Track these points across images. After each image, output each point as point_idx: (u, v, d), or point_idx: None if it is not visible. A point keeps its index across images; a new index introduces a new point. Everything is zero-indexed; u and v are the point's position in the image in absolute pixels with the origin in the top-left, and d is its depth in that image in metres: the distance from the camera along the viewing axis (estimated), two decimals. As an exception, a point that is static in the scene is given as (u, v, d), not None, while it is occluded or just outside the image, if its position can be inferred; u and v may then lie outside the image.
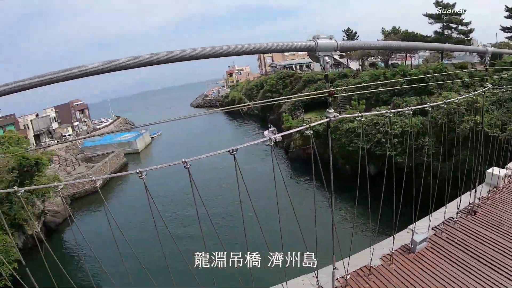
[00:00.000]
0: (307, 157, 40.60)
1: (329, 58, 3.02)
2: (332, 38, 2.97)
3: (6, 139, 37.48)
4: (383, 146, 29.18)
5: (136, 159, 68.09)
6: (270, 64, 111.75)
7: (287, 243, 17.34)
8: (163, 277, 5.48)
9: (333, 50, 2.99)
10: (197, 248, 18.76)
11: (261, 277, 19.27)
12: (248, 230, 4.61)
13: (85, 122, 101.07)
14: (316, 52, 2.98)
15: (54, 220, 40.04)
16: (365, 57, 59.41)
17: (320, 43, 2.93)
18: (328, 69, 3.09)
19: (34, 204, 36.83)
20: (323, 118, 4.04)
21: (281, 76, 75.45)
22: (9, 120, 72.54)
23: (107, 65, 2.58)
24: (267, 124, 65.67)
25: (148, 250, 25.68)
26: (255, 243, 21.06)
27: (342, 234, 17.15)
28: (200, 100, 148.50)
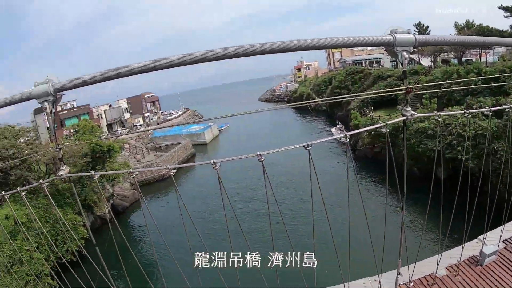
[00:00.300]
0: (374, 156, 39.55)
1: (407, 54, 2.85)
2: (410, 32, 2.79)
3: (81, 127, 39.79)
4: (454, 149, 27.48)
5: (204, 150, 69.54)
6: (339, 60, 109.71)
7: (352, 243, 16.90)
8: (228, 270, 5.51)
9: (411, 45, 2.80)
10: (264, 245, 18.91)
11: (324, 276, 19.07)
12: (316, 228, 4.51)
13: (156, 113, 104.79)
14: (394, 47, 2.81)
15: (122, 203, 42.31)
16: (437, 53, 56.29)
17: (398, 37, 2.76)
18: (405, 65, 2.91)
19: (105, 188, 38.84)
20: (394, 116, 3.83)
21: (350, 72, 73.54)
22: (83, 110, 77.13)
23: (170, 61, 2.66)
24: (335, 120, 64.50)
25: (215, 240, 26.23)
26: (322, 239, 20.84)
27: (409, 239, 16.65)
28: (268, 94, 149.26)
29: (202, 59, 2.63)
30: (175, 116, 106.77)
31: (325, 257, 19.22)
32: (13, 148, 29.53)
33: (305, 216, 28.94)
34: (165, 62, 2.66)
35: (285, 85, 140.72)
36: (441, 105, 35.36)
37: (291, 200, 33.55)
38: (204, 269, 6.11)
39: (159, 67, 2.68)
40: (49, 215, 26.70)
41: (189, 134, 73.56)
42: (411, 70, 53.99)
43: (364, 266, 13.39)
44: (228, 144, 71.93)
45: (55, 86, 2.80)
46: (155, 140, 73.81)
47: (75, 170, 32.01)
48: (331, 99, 5.71)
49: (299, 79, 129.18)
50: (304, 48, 2.69)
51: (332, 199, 27.42)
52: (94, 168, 35.10)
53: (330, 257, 5.82)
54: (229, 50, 2.61)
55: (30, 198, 27.46)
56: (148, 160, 57.59)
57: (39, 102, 2.87)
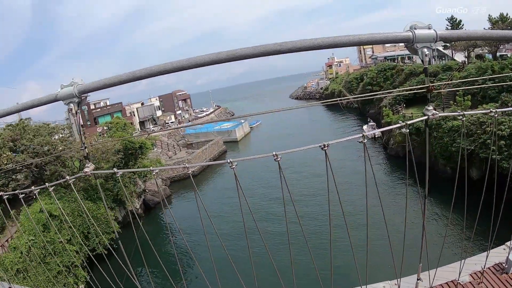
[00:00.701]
0: (405, 155, 38.69)
1: (428, 50, 2.74)
2: (431, 28, 2.68)
3: (114, 125, 40.69)
4: (488, 149, 26.30)
5: (235, 147, 70.00)
6: (370, 56, 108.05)
7: (372, 245, 16.57)
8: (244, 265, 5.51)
9: (432, 41, 2.69)
10: (279, 244, 18.82)
11: (343, 276, 18.79)
12: (333, 229, 4.42)
13: (187, 111, 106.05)
14: (414, 44, 2.71)
15: (153, 199, 42.89)
16: (471, 48, 54.42)
17: (418, 33, 2.66)
18: (426, 62, 2.80)
19: (136, 183, 39.62)
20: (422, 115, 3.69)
21: (382, 68, 71.78)
22: (116, 107, 79.18)
23: (203, 60, 2.68)
24: (367, 118, 63.61)
25: (234, 239, 26.36)
26: (339, 239, 20.51)
27: (431, 242, 16.22)
28: (299, 92, 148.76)
29: (218, 60, 2.65)
30: (207, 113, 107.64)
31: (343, 260, 18.91)
32: (47, 144, 30.43)
33: (325, 216, 28.84)
34: (185, 63, 2.71)
35: (316, 82, 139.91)
36: (475, 102, 34.33)
37: (314, 199, 33.41)
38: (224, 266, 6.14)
39: (175, 69, 2.74)
40: (82, 209, 27.42)
41: (220, 131, 74.18)
42: (444, 66, 52.60)
43: (383, 270, 13.17)
44: (258, 142, 72.19)
45: (79, 89, 2.95)
46: (187, 137, 74.78)
47: (108, 166, 32.83)
48: (358, 97, 5.57)
49: (330, 76, 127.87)
50: (325, 47, 2.63)
51: (356, 200, 27.14)
52: (126, 164, 35.93)
53: (348, 259, 5.72)
54: (245, 51, 2.61)
55: (64, 192, 28.34)
56: (180, 157, 58.37)
57: (65, 103, 3.01)
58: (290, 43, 2.57)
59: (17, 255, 21.49)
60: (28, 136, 29.81)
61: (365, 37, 2.65)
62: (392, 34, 2.69)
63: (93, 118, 72.90)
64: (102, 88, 2.98)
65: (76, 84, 2.96)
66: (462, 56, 58.14)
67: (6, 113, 3.65)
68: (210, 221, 4.59)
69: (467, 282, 4.92)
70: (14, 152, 30.26)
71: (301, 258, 19.18)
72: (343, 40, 2.62)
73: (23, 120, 32.07)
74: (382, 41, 2.69)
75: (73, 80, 3.00)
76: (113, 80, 2.89)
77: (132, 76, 2.83)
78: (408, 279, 4.85)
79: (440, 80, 44.74)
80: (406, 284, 4.77)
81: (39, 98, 3.24)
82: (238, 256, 20.49)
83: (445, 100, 40.11)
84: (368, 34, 2.67)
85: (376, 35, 2.67)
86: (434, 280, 4.64)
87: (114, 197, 33.79)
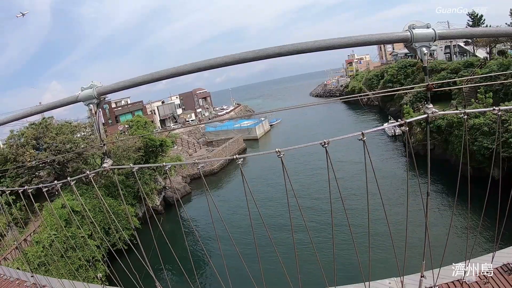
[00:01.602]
0: (425, 154, 38.00)
1: (427, 49, 2.79)
2: (430, 27, 2.74)
3: (134, 123, 41.24)
4: (510, 147, 25.71)
5: (255, 145, 70.08)
6: (391, 53, 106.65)
7: (375, 242, 16.45)
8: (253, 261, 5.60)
9: (430, 40, 2.74)
10: (285, 237, 18.86)
11: (346, 274, 18.76)
12: (335, 227, 4.47)
13: (207, 109, 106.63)
14: (412, 43, 2.77)
15: (173, 196, 42.96)
16: (493, 44, 53.03)
17: (416, 33, 2.71)
18: (425, 60, 2.86)
19: (157, 180, 40.08)
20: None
21: (402, 65, 70.97)
22: (137, 106, 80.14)
23: (224, 60, 2.81)
24: (387, 116, 62.93)
25: (246, 235, 26.52)
26: (342, 234, 20.45)
27: (435, 240, 16.02)
28: (319, 89, 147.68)
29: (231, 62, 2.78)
30: (227, 111, 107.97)
31: (347, 256, 18.84)
32: (70, 142, 31.05)
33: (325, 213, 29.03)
34: (194, 66, 2.84)
35: (336, 80, 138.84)
36: (497, 100, 33.60)
37: (318, 197, 33.54)
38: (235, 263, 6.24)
39: (187, 72, 2.88)
40: (103, 205, 27.92)
41: (241, 129, 74.42)
42: (466, 62, 51.61)
43: (386, 267, 13.09)
44: (278, 139, 71.90)
45: (98, 91, 3.13)
46: (207, 135, 75.33)
47: (129, 163, 33.17)
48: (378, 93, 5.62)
49: (351, 73, 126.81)
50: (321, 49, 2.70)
51: (362, 197, 27.01)
52: (147, 162, 36.48)
53: (353, 255, 5.73)
54: (269, 51, 2.73)
55: (85, 189, 28.93)
56: (200, 155, 58.98)
57: (85, 104, 3.19)
58: (289, 46, 2.66)
59: (39, 248, 22.09)
60: (51, 134, 30.49)
61: (361, 38, 2.70)
62: (390, 34, 2.75)
63: (114, 116, 73.93)
64: (119, 90, 3.16)
65: (95, 86, 3.14)
66: (484, 52, 56.90)
67: (30, 113, 3.85)
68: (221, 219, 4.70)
69: (473, 282, 4.88)
70: (37, 150, 30.99)
71: (307, 255, 19.41)
72: (340, 42, 2.68)
73: (46, 119, 32.76)
74: (379, 41, 2.75)
75: (92, 82, 3.18)
76: (129, 83, 3.06)
77: (148, 78, 2.97)
78: (411, 276, 4.85)
79: (461, 76, 43.99)
80: (410, 281, 4.77)
81: (61, 100, 3.44)
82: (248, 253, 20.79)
83: (467, 97, 39.42)
84: (365, 35, 2.73)
85: (373, 36, 2.73)
86: (439, 279, 4.63)
87: (135, 194, 34.28)
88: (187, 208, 41.00)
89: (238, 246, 5.03)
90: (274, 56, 2.75)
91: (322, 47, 2.67)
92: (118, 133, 52.28)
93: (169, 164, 3.90)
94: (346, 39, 2.68)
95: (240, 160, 3.38)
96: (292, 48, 2.67)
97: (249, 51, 2.75)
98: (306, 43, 2.70)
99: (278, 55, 2.71)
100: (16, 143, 30.46)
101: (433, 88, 3.17)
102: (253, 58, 2.75)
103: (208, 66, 2.82)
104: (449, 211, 26.38)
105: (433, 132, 35.26)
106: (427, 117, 3.31)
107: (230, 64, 2.80)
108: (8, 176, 29.75)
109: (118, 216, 28.98)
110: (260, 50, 2.73)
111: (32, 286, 7.81)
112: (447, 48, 68.94)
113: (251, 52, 2.73)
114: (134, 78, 3.04)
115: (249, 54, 2.74)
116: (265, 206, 33.30)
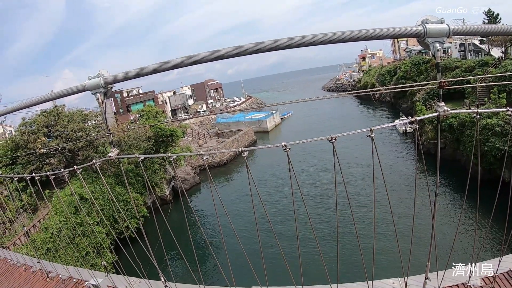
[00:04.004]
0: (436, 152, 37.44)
1: (440, 45, 2.71)
2: (444, 22, 2.65)
3: (146, 112, 41.37)
4: None
5: (265, 137, 70.03)
6: (404, 49, 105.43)
7: (381, 241, 16.31)
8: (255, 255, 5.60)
9: (444, 35, 2.65)
10: (288, 232, 18.81)
11: (349, 272, 18.70)
12: (340, 223, 4.41)
13: (219, 100, 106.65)
14: (425, 39, 2.69)
15: (182, 186, 43.11)
16: (508, 43, 52.07)
17: (429, 28, 2.62)
18: (438, 57, 2.77)
19: (166, 170, 40.24)
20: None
21: (416, 61, 69.59)
22: (149, 96, 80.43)
23: (238, 50, 2.79)
24: (399, 112, 62.37)
25: (249, 228, 26.53)
26: (346, 231, 20.37)
27: (441, 242, 15.69)
28: (331, 84, 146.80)
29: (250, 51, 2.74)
30: (238, 103, 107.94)
31: (351, 254, 18.71)
32: (81, 131, 31.22)
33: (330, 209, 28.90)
34: (207, 56, 2.81)
35: (349, 74, 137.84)
36: (511, 100, 33.10)
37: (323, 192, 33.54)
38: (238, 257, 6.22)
39: (196, 62, 2.86)
40: (112, 193, 28.00)
41: (251, 121, 74.28)
42: (480, 61, 50.86)
43: (391, 266, 12.98)
44: (288, 132, 71.68)
45: (105, 80, 3.16)
46: (218, 126, 75.31)
47: (140, 152, 33.35)
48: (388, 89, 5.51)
49: (363, 68, 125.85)
50: (331, 42, 2.64)
51: (369, 195, 26.84)
52: (157, 151, 36.58)
53: (356, 253, 5.66)
54: (281, 42, 2.69)
55: (95, 177, 29.04)
56: (210, 146, 59.00)
57: (92, 93, 3.22)
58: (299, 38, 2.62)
59: (48, 235, 22.32)
60: (62, 122, 30.66)
61: (373, 32, 2.63)
62: (402, 28, 2.67)
63: (125, 105, 74.25)
64: (126, 80, 3.18)
65: (102, 75, 3.16)
66: (499, 52, 56.10)
67: (39, 101, 3.86)
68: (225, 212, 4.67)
69: (477, 286, 4.78)
70: (48, 137, 31.21)
71: (311, 251, 19.43)
72: (351, 35, 2.62)
73: (58, 107, 32.95)
74: (392, 35, 2.68)
75: (100, 72, 3.20)
76: (136, 72, 3.05)
77: (155, 68, 2.97)
78: (416, 277, 4.78)
79: (475, 75, 43.37)
80: (414, 282, 4.70)
81: (69, 88, 3.47)
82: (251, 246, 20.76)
83: (480, 96, 38.88)
84: (377, 29, 2.66)
85: (385, 29, 2.66)
86: (443, 281, 4.55)
87: (144, 183, 34.41)
88: (194, 199, 41.24)
89: (242, 239, 5.02)
90: (283, 48, 2.71)
91: (332, 39, 2.62)
92: (129, 122, 52.47)
93: (175, 155, 3.91)
94: (357, 32, 2.62)
95: (246, 153, 3.34)
96: (301, 40, 2.62)
97: (259, 42, 2.71)
98: (315, 35, 2.65)
99: (288, 46, 2.67)
100: (27, 131, 30.67)
101: (445, 86, 3.08)
102: (262, 50, 2.71)
103: (217, 57, 2.79)
104: (457, 212, 26.06)
105: (445, 131, 34.87)
106: (438, 116, 3.22)
107: (238, 55, 2.77)
108: (20, 163, 30.01)
109: (127, 205, 29.10)
110: (269, 41, 2.68)
111: (38, 271, 7.93)
112: (461, 46, 68.15)
113: (260, 44, 2.69)
114: (141, 67, 3.06)
115: (258, 46, 2.70)
116: (270, 200, 33.35)
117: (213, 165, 51.74)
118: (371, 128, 3.11)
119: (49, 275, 7.59)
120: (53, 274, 7.60)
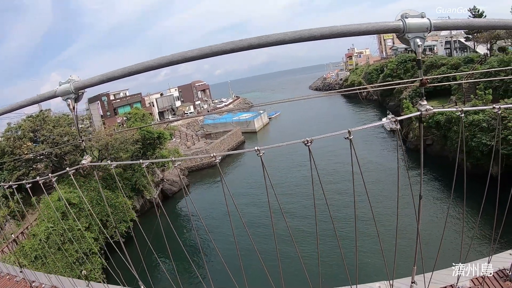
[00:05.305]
0: (425, 149, 37.65)
1: (421, 41, 2.60)
2: (425, 16, 2.54)
3: (132, 115, 41.10)
4: (509, 145, 25.46)
5: (253, 138, 70.12)
6: (391, 47, 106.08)
7: (364, 244, 16.22)
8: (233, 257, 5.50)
9: (425, 30, 2.54)
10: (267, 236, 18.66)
11: (331, 276, 18.57)
12: (319, 226, 4.32)
13: (206, 101, 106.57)
14: (405, 34, 2.57)
15: (170, 188, 43.52)
16: (494, 40, 52.44)
17: (409, 22, 2.51)
18: (419, 53, 2.67)
19: (155, 172, 40.10)
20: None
21: (402, 60, 70.45)
22: (136, 98, 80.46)
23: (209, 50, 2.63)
24: (386, 110, 62.68)
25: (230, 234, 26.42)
26: (326, 235, 20.16)
27: (428, 244, 15.68)
28: (319, 83, 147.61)
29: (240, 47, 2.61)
30: (226, 104, 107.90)
31: (334, 258, 18.56)
32: (67, 135, 30.90)
33: (321, 213, 28.61)
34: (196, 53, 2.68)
35: (336, 73, 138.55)
36: (497, 96, 33.35)
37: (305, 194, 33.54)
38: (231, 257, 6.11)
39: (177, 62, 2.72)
40: (101, 198, 27.82)
41: (239, 122, 74.39)
42: (466, 58, 51.39)
43: (377, 270, 12.85)
44: (276, 132, 71.88)
45: (75, 85, 3.06)
46: (206, 128, 75.29)
47: (127, 155, 33.24)
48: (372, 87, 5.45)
49: (350, 67, 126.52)
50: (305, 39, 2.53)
51: (352, 197, 26.82)
52: (144, 154, 36.41)
53: (339, 257, 5.59)
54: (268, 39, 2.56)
55: (83, 181, 28.78)
56: (198, 147, 58.91)
57: (63, 99, 3.13)
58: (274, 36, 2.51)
59: (36, 241, 22.03)
60: (48, 127, 30.36)
61: (351, 28, 2.52)
62: (381, 24, 2.56)
63: (113, 108, 73.96)
64: (97, 84, 3.05)
65: (72, 81, 3.06)
66: (485, 49, 56.66)
67: (5, 111, 3.75)
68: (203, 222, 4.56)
69: (466, 287, 4.69)
70: (34, 142, 30.89)
71: (290, 257, 19.21)
72: (330, 32, 2.51)
73: (43, 112, 32.62)
74: (370, 31, 2.56)
75: (70, 77, 3.11)
76: (106, 77, 2.94)
77: (125, 72, 2.84)
78: (402, 280, 4.67)
79: (461, 72, 43.75)
80: (400, 285, 4.59)
81: (40, 95, 3.37)
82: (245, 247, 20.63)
83: (466, 93, 39.20)
84: (356, 24, 2.54)
85: (364, 25, 2.54)
86: (431, 284, 4.43)
87: (133, 186, 34.24)
88: (182, 201, 41.02)
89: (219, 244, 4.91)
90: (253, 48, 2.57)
91: (303, 37, 2.49)
92: (116, 125, 52.14)
93: (146, 162, 3.85)
94: (336, 28, 2.50)
95: (219, 159, 3.26)
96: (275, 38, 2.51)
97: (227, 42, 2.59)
98: (283, 33, 2.52)
99: (257, 46, 2.53)
100: (13, 136, 30.32)
101: (427, 83, 2.97)
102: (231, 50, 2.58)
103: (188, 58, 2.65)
104: (445, 210, 26.07)
105: (432, 128, 35.11)
106: (420, 115, 3.11)
107: (228, 52, 2.62)
108: (6, 169, 29.68)
109: (116, 209, 28.93)
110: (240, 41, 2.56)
111: (22, 281, 7.94)
112: (447, 43, 68.84)
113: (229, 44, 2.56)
114: (111, 71, 2.93)
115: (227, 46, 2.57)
116: (247, 207, 33.26)
117: (204, 166, 52.05)
118: (349, 130, 2.99)
119: (32, 285, 7.55)
120: (36, 284, 7.60)
